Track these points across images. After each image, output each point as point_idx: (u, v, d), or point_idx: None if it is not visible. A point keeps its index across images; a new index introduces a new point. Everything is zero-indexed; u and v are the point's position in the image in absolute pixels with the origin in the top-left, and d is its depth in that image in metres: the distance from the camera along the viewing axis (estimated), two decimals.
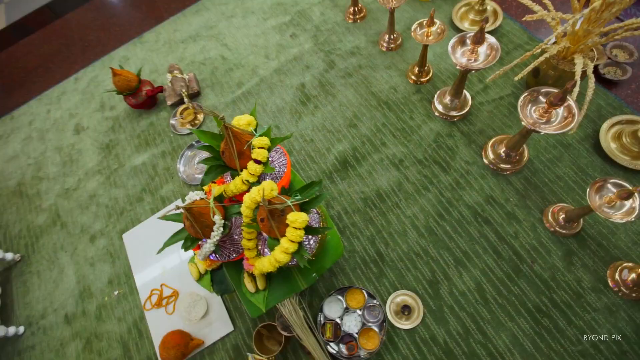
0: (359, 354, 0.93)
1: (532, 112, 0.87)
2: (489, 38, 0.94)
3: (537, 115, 0.86)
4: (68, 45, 1.93)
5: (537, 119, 0.86)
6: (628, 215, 0.77)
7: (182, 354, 0.99)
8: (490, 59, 0.94)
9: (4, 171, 1.55)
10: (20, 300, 1.25)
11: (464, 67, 0.97)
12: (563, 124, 0.84)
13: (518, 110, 0.85)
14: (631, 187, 0.76)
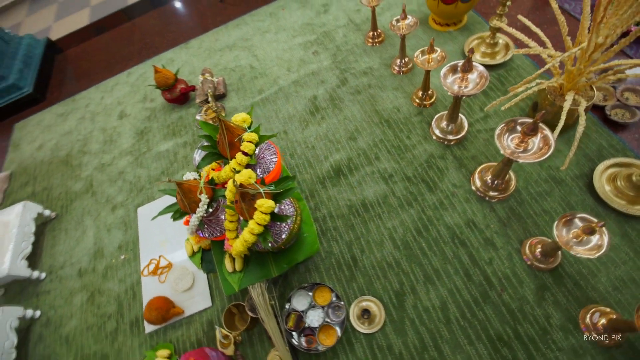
0: (317, 348, 0.98)
1: (510, 141, 0.89)
2: (478, 67, 0.99)
3: (514, 145, 0.89)
4: (129, 45, 2.25)
5: (515, 148, 0.89)
6: (593, 251, 0.77)
7: (163, 317, 1.10)
8: (479, 87, 0.99)
9: (59, 143, 1.83)
10: (48, 251, 1.46)
11: (455, 93, 1.02)
12: (539, 154, 0.85)
13: (495, 139, 0.89)
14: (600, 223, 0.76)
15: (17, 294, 1.38)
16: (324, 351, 0.98)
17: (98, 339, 1.20)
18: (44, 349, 1.23)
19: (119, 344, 1.17)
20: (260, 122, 1.53)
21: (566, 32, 0.95)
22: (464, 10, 1.41)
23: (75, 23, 3.09)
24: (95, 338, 1.20)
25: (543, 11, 1.51)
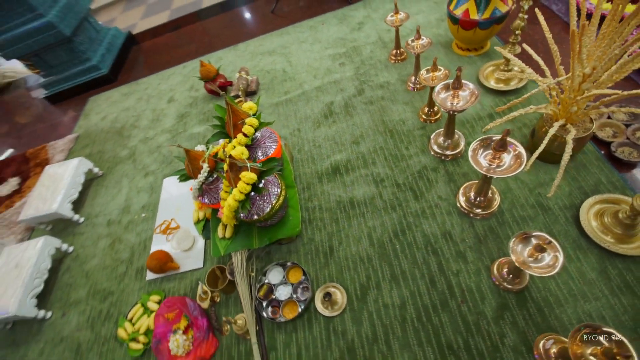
0: (279, 319, 1.07)
1: (483, 158, 0.93)
2: (469, 85, 1.05)
3: (487, 161, 0.93)
4: (191, 43, 2.60)
5: (488, 164, 0.93)
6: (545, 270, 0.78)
7: (160, 268, 1.28)
8: (470, 103, 1.04)
9: (118, 117, 2.17)
10: (90, 201, 1.74)
11: (447, 109, 1.08)
12: (511, 169, 0.88)
13: (469, 157, 0.93)
14: (546, 240, 0.77)
15: (59, 230, 1.67)
16: (284, 322, 1.07)
17: (109, 278, 1.41)
18: (69, 278, 1.48)
19: (124, 285, 1.37)
20: (279, 119, 1.69)
21: (559, 61, 0.97)
22: (483, 37, 1.45)
23: (156, 21, 3.60)
24: (108, 277, 1.42)
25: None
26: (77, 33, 2.35)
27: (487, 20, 1.39)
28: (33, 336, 1.35)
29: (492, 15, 1.38)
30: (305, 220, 1.30)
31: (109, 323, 1.28)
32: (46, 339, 1.33)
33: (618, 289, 0.91)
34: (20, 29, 2.14)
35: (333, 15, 2.19)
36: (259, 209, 1.06)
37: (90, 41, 2.48)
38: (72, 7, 2.30)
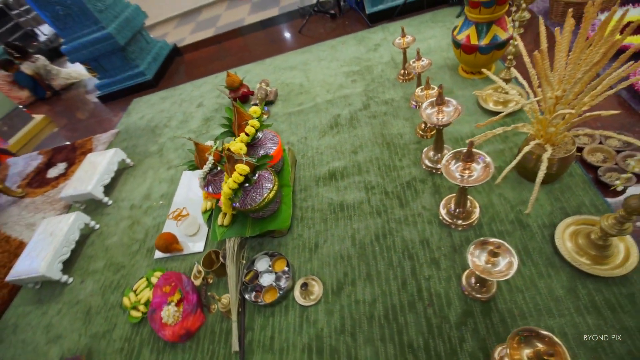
0: (259, 302, 1.17)
1: (456, 168, 1.00)
2: (452, 101, 1.12)
3: (458, 171, 0.99)
4: (227, 56, 2.88)
5: (460, 175, 0.99)
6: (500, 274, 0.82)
7: (166, 248, 1.43)
8: (453, 118, 1.11)
9: (153, 117, 2.45)
10: (119, 187, 1.97)
11: (432, 123, 1.16)
12: (480, 178, 0.94)
13: (442, 170, 1.00)
14: (499, 247, 0.82)
15: (90, 210, 1.90)
16: (263, 306, 1.17)
17: (124, 254, 1.59)
18: (91, 251, 1.68)
19: (134, 261, 1.54)
20: (290, 127, 1.84)
21: (536, 84, 1.03)
22: (484, 61, 1.52)
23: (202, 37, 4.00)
24: (123, 253, 1.60)
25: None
26: (130, 43, 2.71)
27: (487, 46, 1.46)
28: (55, 297, 1.55)
29: (491, 42, 1.45)
30: (297, 217, 1.40)
31: (117, 292, 1.45)
32: (65, 300, 1.52)
33: (585, 308, 0.91)
34: (85, 38, 2.52)
35: (353, 37, 2.35)
36: (252, 199, 1.19)
37: (140, 51, 2.84)
38: (129, 22, 2.66)
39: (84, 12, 2.40)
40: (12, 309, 1.60)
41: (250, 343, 1.12)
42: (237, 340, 1.11)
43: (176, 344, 1.20)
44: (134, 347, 1.25)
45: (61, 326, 1.43)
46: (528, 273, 1.01)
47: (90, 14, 2.41)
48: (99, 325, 1.37)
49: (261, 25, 3.21)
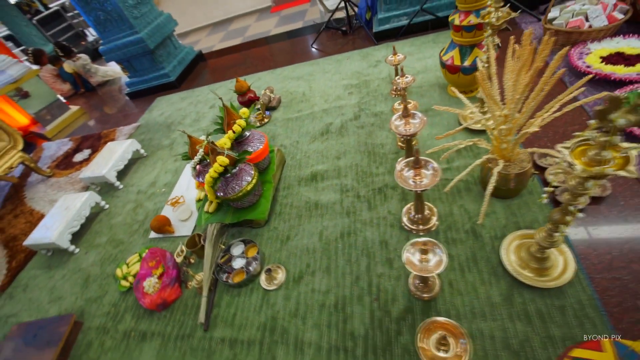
0: (229, 282, 1.29)
1: (408, 175, 1.09)
2: (418, 114, 1.22)
3: (410, 177, 1.08)
4: (243, 64, 3.11)
5: (412, 180, 1.08)
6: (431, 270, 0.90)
7: (159, 228, 1.60)
8: (418, 128, 1.21)
9: (171, 114, 2.69)
10: (131, 174, 2.19)
11: (399, 133, 1.26)
12: (429, 183, 1.03)
13: (395, 176, 1.09)
14: (427, 244, 0.90)
15: (103, 192, 2.13)
16: (231, 287, 1.29)
17: (125, 232, 1.78)
18: (98, 227, 1.88)
19: (132, 239, 1.71)
20: (286, 131, 1.99)
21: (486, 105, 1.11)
22: (467, 81, 1.60)
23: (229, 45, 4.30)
24: (124, 231, 1.79)
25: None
26: (159, 47, 3.00)
27: (470, 67, 1.55)
28: (62, 264, 1.75)
29: (473, 63, 1.54)
30: (276, 212, 1.52)
31: (113, 264, 1.62)
32: (69, 268, 1.71)
33: (516, 315, 0.97)
34: (120, 41, 2.83)
35: (358, 53, 2.49)
36: (232, 189, 1.33)
37: (167, 55, 3.12)
38: (160, 28, 2.96)
39: (122, 18, 2.71)
40: (26, 271, 1.82)
41: (215, 317, 1.24)
42: (204, 313, 1.23)
43: (153, 312, 1.34)
44: (119, 311, 1.41)
45: (63, 289, 1.62)
46: (471, 279, 1.07)
47: (126, 19, 2.71)
48: (93, 291, 1.54)
49: (279, 38, 3.43)
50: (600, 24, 1.64)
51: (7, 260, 1.94)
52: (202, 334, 1.21)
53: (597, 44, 1.65)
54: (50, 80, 3.79)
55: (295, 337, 1.10)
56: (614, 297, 0.93)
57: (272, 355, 1.08)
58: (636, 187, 1.14)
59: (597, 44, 1.65)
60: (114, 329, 1.36)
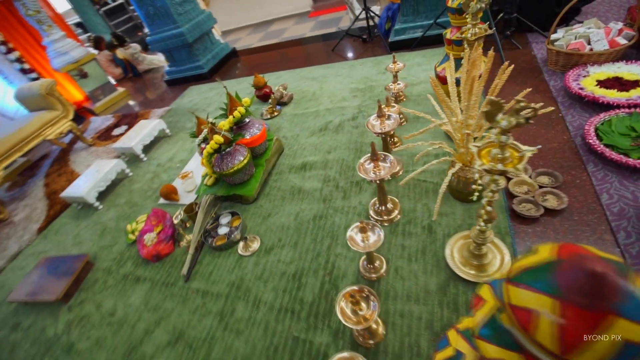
0: (212, 245, 1.49)
1: (370, 167, 1.22)
2: (393, 115, 1.34)
3: (371, 169, 1.21)
4: (270, 63, 3.35)
5: (372, 171, 1.21)
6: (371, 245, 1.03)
7: (166, 195, 1.85)
8: (391, 128, 1.34)
9: (198, 102, 2.98)
10: (155, 149, 2.49)
11: (375, 132, 1.39)
12: (386, 174, 1.15)
13: (358, 169, 1.22)
14: (367, 224, 1.03)
15: (130, 162, 2.44)
16: (213, 249, 1.48)
17: (140, 197, 2.05)
18: (120, 190, 2.18)
19: (145, 203, 1.98)
20: (290, 125, 2.18)
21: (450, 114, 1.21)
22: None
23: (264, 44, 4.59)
24: (140, 196, 2.06)
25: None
26: (196, 41, 3.33)
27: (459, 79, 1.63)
28: (87, 217, 2.06)
29: None
30: (265, 193, 1.71)
31: (126, 221, 1.89)
32: (92, 220, 2.01)
33: (446, 304, 1.06)
34: (164, 34, 3.19)
35: (372, 60, 2.63)
36: (226, 165, 1.53)
37: (203, 49, 3.45)
38: (199, 25, 3.29)
39: (167, 14, 3.06)
40: (59, 219, 2.16)
41: (195, 272, 1.44)
42: (187, 267, 1.44)
43: (149, 262, 1.57)
44: (123, 258, 1.66)
45: (84, 236, 1.91)
46: (416, 268, 1.18)
47: (171, 15, 3.06)
48: (107, 240, 1.82)
49: (307, 41, 3.65)
50: (600, 48, 1.65)
51: (47, 209, 2.30)
52: (183, 284, 1.42)
53: (597, 67, 1.67)
54: (105, 64, 4.31)
55: (255, 296, 1.27)
56: None
57: (233, 307, 1.26)
58: (594, 204, 1.18)
59: (597, 68, 1.67)
60: (117, 271, 1.61)
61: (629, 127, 1.35)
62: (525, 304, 0.36)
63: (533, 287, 0.37)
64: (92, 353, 1.31)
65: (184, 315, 1.30)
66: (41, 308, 1.57)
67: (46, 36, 3.31)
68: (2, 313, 1.65)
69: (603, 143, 1.32)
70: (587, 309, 0.32)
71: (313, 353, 1.05)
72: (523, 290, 0.37)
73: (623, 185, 1.20)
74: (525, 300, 0.36)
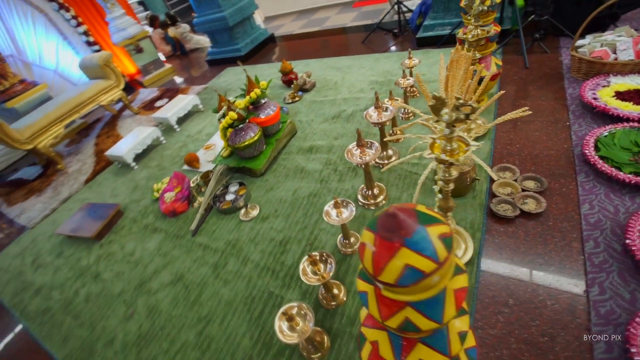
0: (219, 208, 1.70)
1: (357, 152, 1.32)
2: (390, 107, 1.43)
3: (358, 154, 1.32)
4: (303, 50, 3.49)
5: (359, 156, 1.32)
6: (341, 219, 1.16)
7: (189, 162, 2.09)
8: (387, 119, 1.43)
9: (231, 82, 3.21)
10: (187, 122, 2.76)
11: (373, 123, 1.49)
12: (370, 159, 1.26)
13: (345, 153, 1.33)
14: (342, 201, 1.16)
15: (165, 131, 2.73)
16: (220, 211, 1.69)
17: (169, 162, 2.32)
18: (154, 154, 2.47)
19: (172, 167, 2.24)
20: (307, 110, 2.31)
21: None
22: None
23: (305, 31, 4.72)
24: (169, 162, 2.33)
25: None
26: (237, 25, 3.55)
27: None
28: (124, 174, 2.38)
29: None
30: (272, 169, 1.88)
31: (154, 181, 2.17)
32: (127, 177, 2.33)
33: None
34: (209, 16, 3.45)
35: (397, 54, 2.66)
36: (239, 139, 1.72)
37: (243, 32, 3.67)
38: (241, 10, 3.50)
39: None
40: (102, 174, 2.51)
41: (202, 230, 1.66)
42: (195, 224, 1.66)
43: (166, 216, 1.82)
44: (146, 211, 1.93)
45: (119, 190, 2.23)
46: None
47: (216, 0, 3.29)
48: (136, 195, 2.11)
49: (343, 32, 3.72)
50: (626, 58, 1.59)
51: (94, 164, 2.67)
52: (190, 238, 1.64)
53: (620, 78, 1.61)
54: (158, 41, 4.71)
55: (245, 255, 1.45)
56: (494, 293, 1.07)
57: (226, 261, 1.45)
58: (572, 213, 1.20)
59: (619, 78, 1.61)
60: (140, 221, 1.88)
61: (632, 141, 1.32)
62: (363, 239, 0.49)
63: (367, 227, 0.50)
64: (113, 282, 1.58)
65: (186, 262, 1.52)
66: (79, 242, 1.90)
67: (109, 13, 3.72)
68: (51, 243, 2.00)
69: (598, 154, 1.31)
70: (386, 240, 0.44)
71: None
72: (364, 231, 0.50)
73: (609, 198, 1.20)
74: (363, 237, 0.49)
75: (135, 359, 1.24)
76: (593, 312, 0.94)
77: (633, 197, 1.17)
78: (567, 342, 0.91)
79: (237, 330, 1.20)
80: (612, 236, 1.09)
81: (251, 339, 1.16)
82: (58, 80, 3.91)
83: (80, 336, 1.40)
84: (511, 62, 2.10)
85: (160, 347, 1.24)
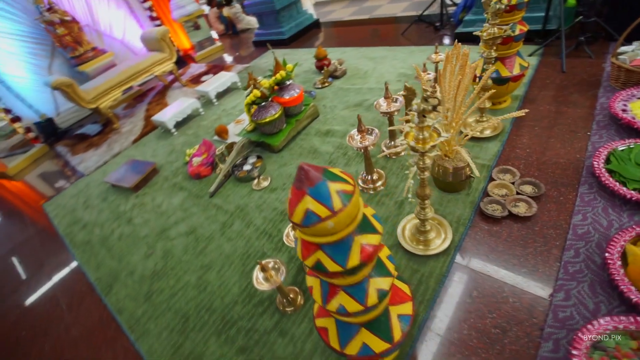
0: (236, 175, 1.89)
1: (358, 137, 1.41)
2: (400, 99, 1.49)
3: (359, 139, 1.40)
4: (344, 37, 3.54)
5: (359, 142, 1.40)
6: None
7: (219, 133, 2.31)
8: (397, 108, 1.49)
9: (269, 64, 3.38)
10: (226, 97, 2.99)
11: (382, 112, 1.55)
12: (370, 144, 1.35)
13: (347, 138, 1.42)
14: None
15: (204, 104, 2.99)
16: (237, 178, 1.88)
17: (203, 131, 2.57)
18: (192, 123, 2.74)
19: (205, 135, 2.49)
20: (333, 96, 2.41)
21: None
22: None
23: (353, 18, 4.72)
24: (203, 131, 2.58)
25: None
26: (284, 9, 3.69)
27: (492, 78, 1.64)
28: (164, 139, 2.67)
29: (491, 76, 1.62)
30: (290, 147, 2.02)
31: (188, 146, 2.43)
32: (167, 142, 2.62)
33: None
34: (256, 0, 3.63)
35: (432, 49, 2.62)
36: (261, 115, 1.88)
37: (289, 17, 3.80)
38: None
39: None
40: (147, 137, 2.84)
41: (219, 193, 1.87)
42: (214, 187, 1.87)
43: (192, 178, 2.06)
44: (177, 172, 2.19)
45: (158, 151, 2.53)
46: None
47: None
48: (171, 157, 2.39)
49: (388, 21, 3.69)
50: None
51: (142, 127, 3.02)
52: (207, 198, 1.86)
53: None
54: (213, 19, 5.02)
55: (249, 219, 1.62)
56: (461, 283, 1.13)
57: (232, 222, 1.64)
58: (562, 222, 1.20)
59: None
60: (170, 180, 2.14)
61: None
62: (291, 194, 0.60)
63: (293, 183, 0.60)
64: (141, 227, 1.86)
65: (201, 218, 1.74)
66: (120, 191, 2.22)
67: None
68: (100, 189, 2.36)
69: (607, 167, 1.26)
70: (297, 188, 0.55)
71: None
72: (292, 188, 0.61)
73: (605, 212, 1.17)
74: (291, 192, 0.60)
75: (148, 288, 1.48)
76: (551, 315, 0.97)
77: (632, 215, 1.13)
78: (517, 337, 0.96)
79: (230, 279, 1.38)
80: (595, 249, 1.08)
81: (239, 288, 1.33)
82: (123, 49, 4.37)
83: (110, 265, 1.69)
84: (548, 65, 2.00)
85: (167, 283, 1.47)
